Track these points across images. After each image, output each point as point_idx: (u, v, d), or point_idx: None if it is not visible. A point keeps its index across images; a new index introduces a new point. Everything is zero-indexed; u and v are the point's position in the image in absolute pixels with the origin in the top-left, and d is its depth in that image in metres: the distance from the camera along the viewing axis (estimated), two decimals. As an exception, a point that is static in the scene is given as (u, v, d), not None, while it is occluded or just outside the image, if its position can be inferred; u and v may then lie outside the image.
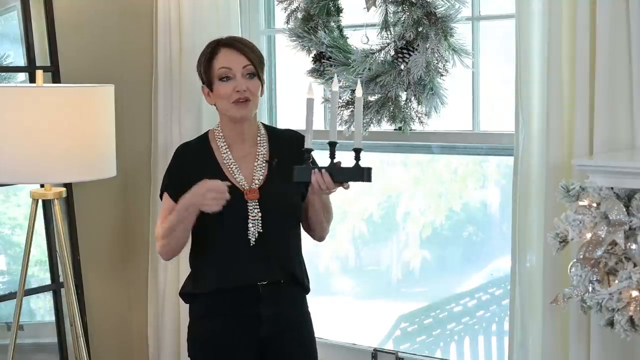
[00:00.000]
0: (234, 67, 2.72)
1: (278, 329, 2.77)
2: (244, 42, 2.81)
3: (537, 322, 2.85)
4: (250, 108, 2.74)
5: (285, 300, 2.78)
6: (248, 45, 2.79)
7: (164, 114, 3.67)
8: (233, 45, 2.75)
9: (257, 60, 2.76)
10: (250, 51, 2.75)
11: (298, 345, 2.84)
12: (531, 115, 2.81)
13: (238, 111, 2.73)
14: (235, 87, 2.70)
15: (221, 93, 2.73)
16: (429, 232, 3.97)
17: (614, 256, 2.30)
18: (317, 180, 2.55)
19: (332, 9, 3.34)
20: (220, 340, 2.75)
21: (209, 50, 2.77)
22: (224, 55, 2.74)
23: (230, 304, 2.72)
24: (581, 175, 2.50)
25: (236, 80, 2.71)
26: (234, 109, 2.73)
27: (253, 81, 2.73)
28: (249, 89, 2.71)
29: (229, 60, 2.72)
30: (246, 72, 2.72)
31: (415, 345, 3.96)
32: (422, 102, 3.18)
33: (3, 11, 3.58)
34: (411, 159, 3.80)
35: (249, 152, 2.78)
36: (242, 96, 2.71)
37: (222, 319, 2.74)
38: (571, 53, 2.71)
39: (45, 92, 2.99)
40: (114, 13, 3.71)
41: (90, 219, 3.65)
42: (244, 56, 2.73)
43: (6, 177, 2.98)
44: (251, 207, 2.70)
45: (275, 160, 2.77)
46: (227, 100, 2.72)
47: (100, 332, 3.71)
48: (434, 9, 3.07)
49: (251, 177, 2.74)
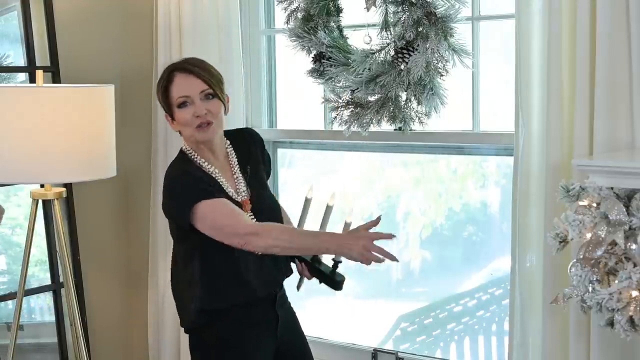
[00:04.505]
0: (191, 93, 2.67)
1: (289, 330, 2.84)
2: (197, 64, 2.74)
3: (537, 322, 2.85)
4: (213, 130, 2.70)
5: (286, 298, 2.87)
6: (202, 67, 2.73)
7: (164, 114, 3.66)
8: (186, 70, 2.70)
9: (215, 80, 2.71)
10: (206, 73, 2.70)
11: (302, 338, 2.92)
12: (531, 115, 2.81)
13: (201, 135, 2.69)
14: (195, 112, 2.67)
15: (182, 120, 2.69)
16: (429, 232, 3.96)
17: (614, 256, 2.30)
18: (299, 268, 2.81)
19: (332, 9, 3.34)
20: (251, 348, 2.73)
21: (164, 77, 2.73)
22: (179, 81, 2.69)
23: (254, 311, 2.73)
24: (581, 175, 2.50)
25: (195, 105, 2.67)
26: (197, 134, 2.69)
27: (212, 102, 2.69)
28: (210, 111, 2.68)
29: (184, 87, 2.68)
30: (204, 95, 2.68)
31: (415, 345, 3.96)
32: (422, 102, 3.18)
33: (3, 11, 3.58)
34: (411, 159, 3.80)
35: (224, 166, 2.77)
36: (203, 120, 2.67)
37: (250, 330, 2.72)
38: (571, 53, 2.71)
39: (45, 92, 2.99)
40: (114, 13, 3.71)
41: (90, 219, 3.65)
42: (199, 79, 2.68)
43: (6, 177, 2.98)
44: (248, 215, 2.71)
45: (249, 167, 2.79)
46: (189, 126, 2.69)
47: (100, 332, 3.71)
48: (434, 9, 3.07)
49: (236, 189, 2.75)
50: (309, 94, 3.55)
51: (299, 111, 3.82)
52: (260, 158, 2.85)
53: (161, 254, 3.71)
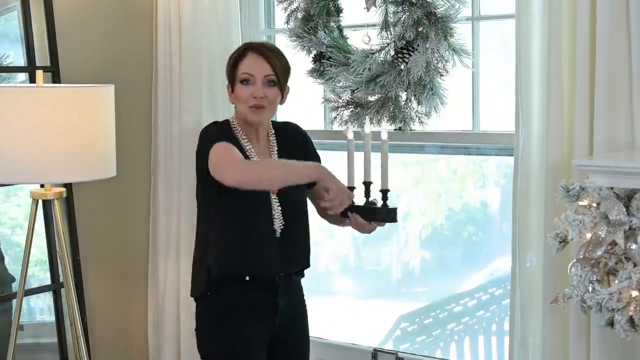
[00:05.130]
0: (256, 74, 2.78)
1: (289, 318, 2.86)
2: (272, 49, 2.85)
3: (537, 322, 2.85)
4: (264, 115, 2.82)
5: (294, 289, 2.90)
6: (275, 53, 2.83)
7: (164, 114, 3.67)
8: (260, 52, 2.80)
9: (282, 69, 2.81)
10: (276, 59, 2.80)
11: (302, 334, 2.94)
12: (531, 115, 2.81)
13: (252, 116, 2.80)
14: (253, 93, 2.78)
15: (239, 95, 2.81)
16: (429, 232, 3.97)
17: (614, 256, 2.30)
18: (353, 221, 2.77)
19: (332, 9, 3.34)
20: (243, 332, 2.78)
21: (238, 52, 2.85)
22: (249, 59, 2.80)
23: (251, 296, 2.78)
24: (581, 175, 2.50)
25: (255, 86, 2.78)
26: (249, 113, 2.80)
27: (272, 89, 2.80)
28: (267, 97, 2.79)
29: (252, 66, 2.79)
30: (267, 80, 2.79)
31: (415, 345, 3.97)
32: (422, 102, 3.18)
33: (3, 11, 3.58)
34: (411, 159, 3.80)
35: (263, 151, 2.86)
36: (258, 102, 2.78)
37: (244, 312, 2.78)
38: (571, 53, 2.71)
39: (45, 92, 2.99)
40: (114, 13, 3.71)
41: (90, 219, 3.65)
42: (268, 64, 2.78)
43: (6, 177, 2.98)
44: (273, 200, 2.79)
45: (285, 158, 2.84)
46: (244, 103, 2.80)
47: (100, 332, 3.71)
48: (434, 9, 3.07)
49: None
50: (309, 94, 3.55)
51: (299, 111, 3.82)
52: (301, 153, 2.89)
53: (161, 254, 3.71)
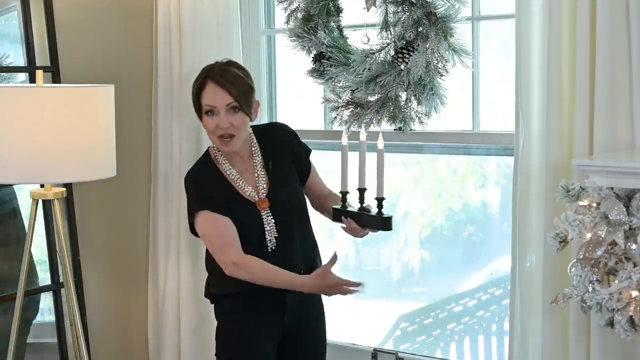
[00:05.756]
0: (217, 104, 2.76)
1: (301, 317, 2.87)
2: (228, 77, 2.78)
3: (537, 322, 2.86)
4: (235, 143, 2.80)
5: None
6: (232, 79, 2.77)
7: (164, 114, 3.67)
8: (217, 81, 2.76)
9: (241, 94, 2.77)
10: (234, 86, 2.76)
11: (315, 335, 2.95)
12: (531, 115, 2.81)
13: (223, 147, 2.81)
14: (219, 124, 2.76)
15: (207, 127, 2.81)
16: (428, 232, 3.97)
17: (614, 256, 2.30)
18: (347, 225, 2.77)
19: (332, 9, 3.34)
20: (248, 332, 2.81)
21: (199, 82, 2.81)
22: (209, 90, 2.78)
23: (258, 300, 2.80)
24: (581, 175, 2.50)
25: (220, 116, 2.76)
26: (220, 145, 2.81)
27: (237, 115, 2.77)
28: (233, 125, 2.76)
29: (212, 97, 2.77)
30: (229, 108, 2.76)
31: (415, 345, 3.96)
32: (422, 102, 3.18)
33: (3, 11, 3.58)
34: (411, 159, 3.80)
35: (248, 165, 2.86)
36: (225, 132, 2.77)
37: (251, 314, 2.81)
38: (571, 53, 2.71)
39: (45, 92, 2.99)
40: (114, 13, 3.71)
41: (90, 219, 3.65)
42: (227, 92, 2.75)
43: (6, 177, 2.98)
44: (264, 215, 2.80)
45: (271, 163, 2.86)
46: (212, 134, 2.80)
47: (100, 332, 3.71)
48: (434, 9, 3.07)
49: (257, 188, 2.83)
50: (309, 94, 3.55)
51: (299, 111, 3.83)
52: (288, 151, 2.90)
53: (161, 254, 3.71)
